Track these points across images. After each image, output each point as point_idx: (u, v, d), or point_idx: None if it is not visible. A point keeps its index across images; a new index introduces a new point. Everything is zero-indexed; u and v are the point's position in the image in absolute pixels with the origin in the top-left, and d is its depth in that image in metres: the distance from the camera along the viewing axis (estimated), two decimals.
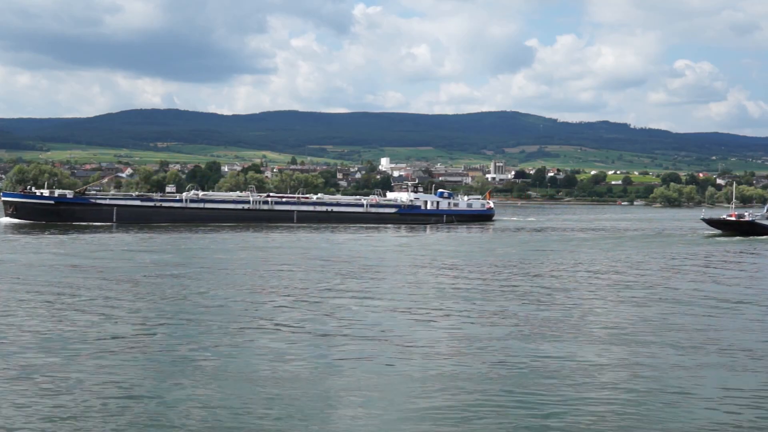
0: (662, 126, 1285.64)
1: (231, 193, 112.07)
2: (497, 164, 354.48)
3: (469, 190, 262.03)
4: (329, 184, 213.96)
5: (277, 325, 24.90)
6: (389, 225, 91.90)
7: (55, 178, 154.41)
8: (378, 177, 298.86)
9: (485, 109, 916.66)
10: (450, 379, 18.32)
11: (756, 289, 36.08)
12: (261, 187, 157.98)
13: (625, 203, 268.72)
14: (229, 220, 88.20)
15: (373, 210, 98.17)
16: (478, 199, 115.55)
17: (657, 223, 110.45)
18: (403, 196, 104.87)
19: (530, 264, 46.54)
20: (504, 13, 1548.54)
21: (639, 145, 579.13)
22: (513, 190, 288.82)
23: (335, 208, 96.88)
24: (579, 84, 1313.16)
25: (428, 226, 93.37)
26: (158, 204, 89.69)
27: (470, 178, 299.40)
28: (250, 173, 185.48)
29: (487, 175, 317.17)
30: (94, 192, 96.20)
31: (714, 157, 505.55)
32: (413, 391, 17.28)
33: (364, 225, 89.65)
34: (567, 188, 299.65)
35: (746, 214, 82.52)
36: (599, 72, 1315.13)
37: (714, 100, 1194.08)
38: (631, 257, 52.53)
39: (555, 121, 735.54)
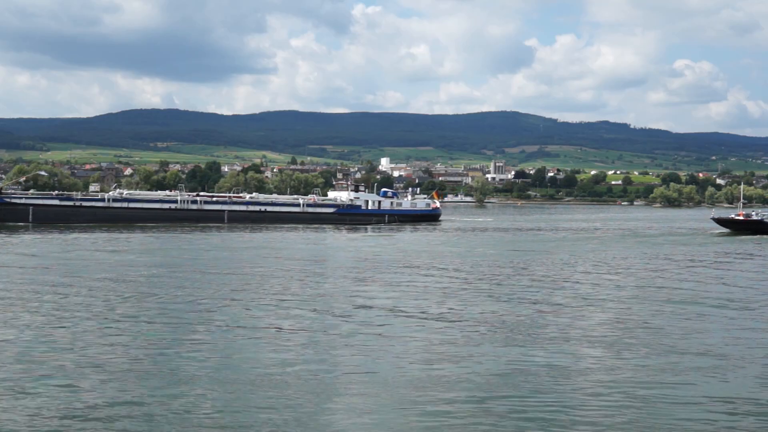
0: (662, 126, 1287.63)
1: (158, 192, 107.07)
2: (497, 164, 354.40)
3: (469, 190, 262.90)
4: (329, 184, 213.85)
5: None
6: (327, 225, 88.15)
7: (56, 178, 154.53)
8: (378, 177, 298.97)
9: (485, 109, 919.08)
10: (442, 382, 18.29)
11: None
12: (261, 188, 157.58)
13: (625, 203, 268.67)
14: (155, 221, 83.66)
15: (310, 210, 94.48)
16: (424, 198, 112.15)
17: (653, 224, 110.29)
18: (342, 196, 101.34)
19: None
20: (503, 13, 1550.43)
21: (639, 145, 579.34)
22: (513, 190, 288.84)
23: (269, 208, 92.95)
24: (579, 84, 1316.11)
25: (369, 226, 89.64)
26: (78, 203, 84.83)
27: (470, 178, 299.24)
28: (250, 173, 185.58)
29: (487, 175, 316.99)
30: (11, 191, 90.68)
31: (714, 157, 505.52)
32: (406, 393, 17.22)
33: (300, 225, 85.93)
34: (567, 188, 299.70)
35: (753, 213, 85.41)
36: (599, 72, 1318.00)
37: (714, 100, 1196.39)
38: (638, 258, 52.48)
39: (555, 121, 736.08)
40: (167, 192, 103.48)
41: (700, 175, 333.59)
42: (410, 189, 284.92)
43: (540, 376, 18.50)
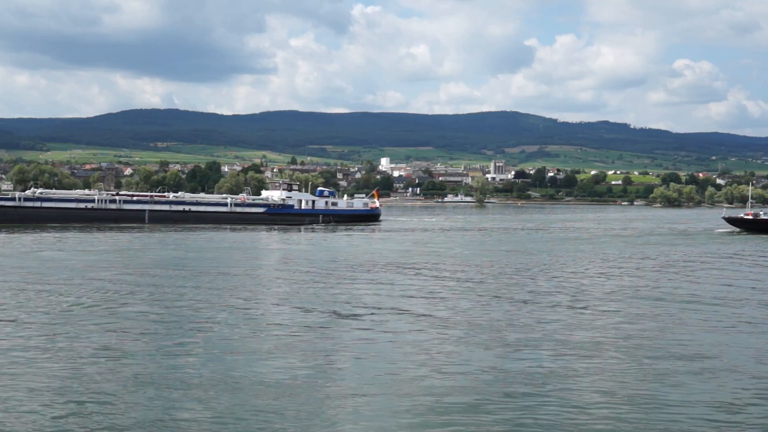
0: (662, 126, 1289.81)
1: (75, 191, 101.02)
2: (497, 164, 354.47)
3: (469, 190, 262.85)
4: (329, 184, 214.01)
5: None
6: (256, 226, 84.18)
7: (56, 178, 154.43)
8: (378, 177, 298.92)
9: (485, 109, 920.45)
10: (434, 385, 18.27)
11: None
12: (261, 188, 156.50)
13: (625, 203, 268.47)
14: (71, 221, 79.72)
15: (239, 210, 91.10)
16: (362, 198, 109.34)
17: (660, 224, 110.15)
18: (274, 195, 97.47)
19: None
20: (503, 13, 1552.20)
21: (639, 145, 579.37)
22: (513, 190, 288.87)
23: (194, 208, 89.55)
24: (579, 84, 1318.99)
25: (302, 227, 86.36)
26: None
27: (470, 178, 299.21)
28: (250, 173, 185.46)
29: (487, 175, 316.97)
30: None
31: (714, 157, 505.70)
32: (400, 396, 17.19)
33: (226, 226, 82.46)
34: (567, 188, 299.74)
35: (762, 213, 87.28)
36: (599, 72, 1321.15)
37: (714, 100, 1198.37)
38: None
39: (555, 121, 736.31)
40: (87, 191, 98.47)
41: (700, 175, 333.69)
42: (410, 189, 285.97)
43: (535, 379, 18.47)
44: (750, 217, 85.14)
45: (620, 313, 27.64)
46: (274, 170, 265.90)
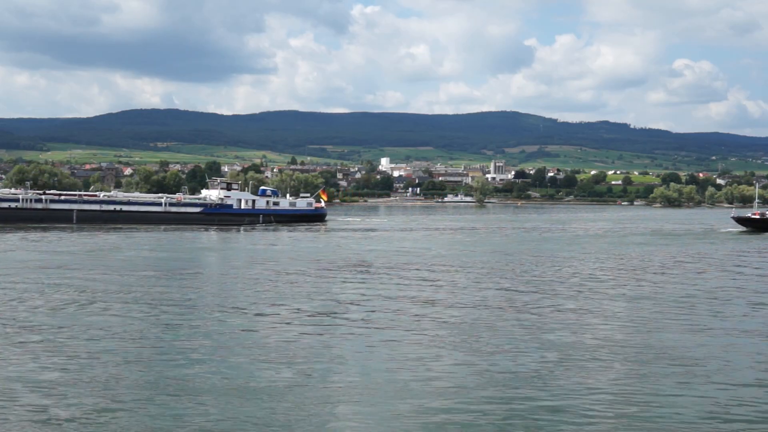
0: (662, 126, 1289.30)
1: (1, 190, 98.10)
2: (497, 164, 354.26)
3: (469, 190, 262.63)
4: (329, 184, 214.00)
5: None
6: (192, 227, 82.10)
7: (55, 178, 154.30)
8: (378, 177, 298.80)
9: (485, 109, 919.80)
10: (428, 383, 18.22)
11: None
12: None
13: (625, 203, 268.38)
14: None
15: (174, 210, 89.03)
16: (306, 198, 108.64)
17: (666, 224, 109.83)
18: (212, 194, 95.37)
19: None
20: (503, 13, 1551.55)
21: (639, 145, 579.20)
22: (513, 190, 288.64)
23: (126, 207, 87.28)
24: (578, 84, 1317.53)
25: (241, 227, 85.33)
26: None
27: (470, 178, 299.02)
28: (250, 173, 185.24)
29: (487, 175, 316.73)
30: None
31: (714, 157, 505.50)
32: (397, 398, 17.13)
33: (160, 227, 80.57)
34: (567, 188, 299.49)
35: (767, 213, 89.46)
36: (599, 72, 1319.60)
37: (714, 100, 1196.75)
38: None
39: (555, 121, 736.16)
40: (12, 190, 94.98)
41: (700, 175, 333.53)
42: (410, 189, 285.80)
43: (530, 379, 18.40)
44: (757, 216, 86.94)
45: (634, 313, 27.63)
46: (274, 170, 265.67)
